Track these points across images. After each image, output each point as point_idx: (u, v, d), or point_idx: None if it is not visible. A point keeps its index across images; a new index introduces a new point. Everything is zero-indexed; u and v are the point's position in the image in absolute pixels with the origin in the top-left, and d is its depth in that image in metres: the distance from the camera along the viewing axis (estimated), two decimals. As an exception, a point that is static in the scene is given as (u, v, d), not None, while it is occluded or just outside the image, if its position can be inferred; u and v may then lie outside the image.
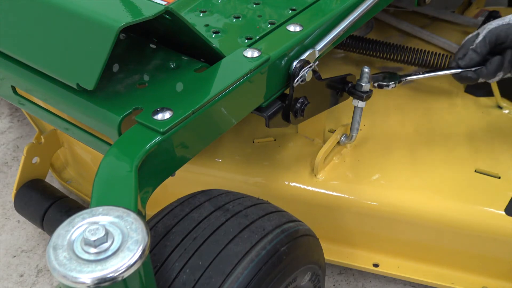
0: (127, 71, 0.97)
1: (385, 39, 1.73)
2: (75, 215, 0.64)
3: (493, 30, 1.12)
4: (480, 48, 1.14)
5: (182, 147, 0.88)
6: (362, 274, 1.50)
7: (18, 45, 0.95)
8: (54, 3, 0.86)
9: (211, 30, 1.12)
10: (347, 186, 1.35)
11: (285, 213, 0.99)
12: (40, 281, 1.52)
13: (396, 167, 1.39)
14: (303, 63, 1.05)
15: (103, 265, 0.58)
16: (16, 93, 1.07)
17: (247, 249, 0.85)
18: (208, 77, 0.94)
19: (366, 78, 1.22)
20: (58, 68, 0.90)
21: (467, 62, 1.17)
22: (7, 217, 1.70)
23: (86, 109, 0.91)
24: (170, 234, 0.88)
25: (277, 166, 1.39)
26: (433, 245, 1.35)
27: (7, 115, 2.14)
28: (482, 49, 1.14)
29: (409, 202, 1.32)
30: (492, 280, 1.35)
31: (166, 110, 0.85)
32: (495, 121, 1.55)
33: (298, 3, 1.18)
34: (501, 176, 1.35)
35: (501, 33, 1.12)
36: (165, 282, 0.82)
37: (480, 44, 1.14)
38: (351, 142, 1.40)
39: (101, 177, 0.76)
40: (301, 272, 0.97)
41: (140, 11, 0.83)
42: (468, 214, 1.29)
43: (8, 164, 1.90)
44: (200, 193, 0.99)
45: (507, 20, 1.12)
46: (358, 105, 1.27)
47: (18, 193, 1.49)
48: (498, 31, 1.11)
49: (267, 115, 1.06)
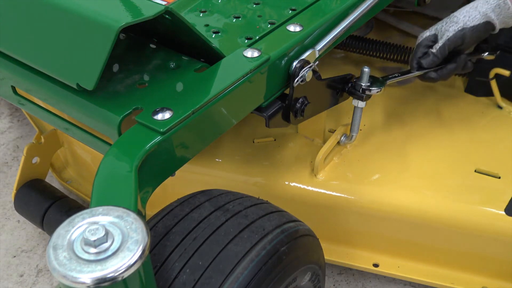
0: (127, 71, 0.97)
1: (385, 39, 1.73)
2: (75, 215, 0.64)
3: (452, 39, 1.27)
4: (441, 53, 1.29)
5: (182, 147, 0.88)
6: (362, 274, 1.50)
7: (18, 45, 0.95)
8: (54, 3, 0.86)
9: (211, 30, 1.12)
10: (347, 186, 1.35)
11: (285, 213, 0.99)
12: (40, 281, 1.52)
13: (396, 167, 1.39)
14: (303, 63, 1.05)
15: (103, 265, 0.58)
16: (16, 93, 1.07)
17: (247, 249, 0.85)
18: (208, 77, 0.94)
19: (366, 78, 1.22)
20: (58, 68, 0.90)
21: (429, 64, 1.31)
22: (7, 217, 1.70)
23: (86, 109, 0.90)
24: (170, 234, 0.88)
25: (277, 166, 1.39)
26: (433, 245, 1.35)
27: (7, 115, 2.14)
28: (442, 54, 1.30)
29: (409, 202, 1.32)
30: (492, 280, 1.35)
31: (166, 110, 0.85)
32: (495, 121, 1.55)
33: (298, 3, 1.18)
34: (501, 176, 1.35)
35: (458, 41, 1.28)
36: (165, 282, 0.82)
37: (441, 50, 1.29)
38: (351, 142, 1.40)
39: (101, 177, 0.76)
40: (301, 272, 0.97)
41: (140, 11, 0.83)
42: (468, 214, 1.29)
43: (8, 164, 1.90)
44: (200, 193, 0.99)
45: (461, 25, 1.27)
46: (358, 105, 1.27)
47: (18, 193, 1.49)
48: (456, 39, 1.27)
49: (267, 115, 1.06)
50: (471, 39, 1.29)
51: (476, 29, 1.27)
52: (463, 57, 1.34)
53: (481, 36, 1.30)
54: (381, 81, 1.26)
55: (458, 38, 1.27)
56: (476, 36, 1.29)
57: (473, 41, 1.32)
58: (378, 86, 1.24)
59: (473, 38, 1.29)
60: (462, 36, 1.27)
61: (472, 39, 1.29)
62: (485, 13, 1.26)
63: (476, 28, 1.27)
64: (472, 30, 1.27)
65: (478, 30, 1.27)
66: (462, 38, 1.27)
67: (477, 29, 1.27)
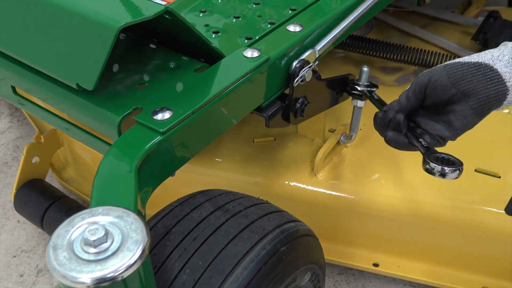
0: (127, 71, 0.97)
1: (385, 39, 1.73)
2: (75, 215, 0.64)
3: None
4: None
5: (182, 147, 0.88)
6: (362, 274, 1.50)
7: (18, 45, 0.95)
8: (54, 3, 0.86)
9: (211, 30, 1.12)
10: (347, 186, 1.35)
11: (285, 213, 0.99)
12: (40, 281, 1.52)
13: (396, 166, 1.39)
14: (303, 63, 1.05)
15: (103, 265, 0.58)
16: (16, 93, 1.07)
17: (247, 249, 0.85)
18: (208, 77, 0.94)
19: (365, 77, 1.22)
20: (58, 68, 0.90)
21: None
22: (7, 217, 1.70)
23: (86, 109, 0.90)
24: (170, 234, 0.88)
25: (277, 165, 1.39)
26: (433, 244, 1.35)
27: (7, 115, 2.14)
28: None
29: (409, 202, 1.32)
30: (492, 279, 1.35)
31: (166, 110, 0.84)
32: (495, 121, 1.55)
33: (298, 3, 1.18)
34: (501, 176, 1.35)
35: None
36: (165, 282, 0.82)
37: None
38: (351, 141, 1.40)
39: (101, 177, 0.76)
40: (301, 272, 0.97)
41: (140, 11, 0.83)
42: (468, 214, 1.29)
43: (8, 164, 1.90)
44: (200, 193, 0.99)
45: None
46: (357, 104, 1.27)
47: (18, 193, 1.49)
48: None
49: (267, 115, 1.06)
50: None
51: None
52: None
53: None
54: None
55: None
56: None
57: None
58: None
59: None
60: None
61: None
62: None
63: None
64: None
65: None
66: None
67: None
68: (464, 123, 0.93)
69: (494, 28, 1.73)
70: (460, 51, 1.78)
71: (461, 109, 0.91)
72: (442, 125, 0.95)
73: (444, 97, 0.91)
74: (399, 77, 1.76)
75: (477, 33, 1.74)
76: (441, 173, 0.89)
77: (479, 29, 1.75)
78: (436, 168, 0.89)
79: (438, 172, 0.90)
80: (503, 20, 1.78)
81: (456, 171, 0.89)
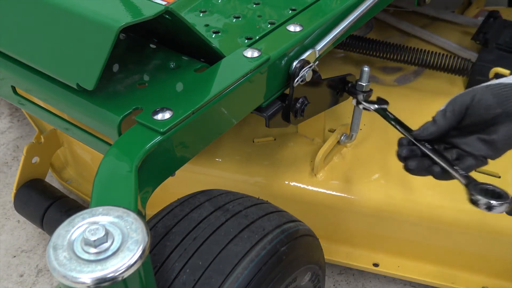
0: (127, 71, 0.97)
1: (385, 39, 1.73)
2: (75, 215, 0.64)
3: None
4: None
5: (182, 147, 0.88)
6: (362, 274, 1.50)
7: (18, 45, 0.95)
8: (54, 3, 0.86)
9: (211, 30, 1.12)
10: (347, 186, 1.35)
11: (285, 213, 0.99)
12: (40, 281, 1.52)
13: (396, 166, 1.38)
14: (303, 63, 1.05)
15: (103, 265, 0.58)
16: (16, 93, 1.07)
17: (247, 249, 0.85)
18: (208, 77, 0.94)
19: (366, 77, 1.22)
20: (58, 68, 0.90)
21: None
22: (7, 217, 1.70)
23: (86, 109, 0.90)
24: (170, 234, 0.88)
25: (277, 165, 1.39)
26: (433, 244, 1.35)
27: (7, 115, 2.14)
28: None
29: (409, 202, 1.32)
30: (492, 279, 1.35)
31: (166, 110, 0.84)
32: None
33: (298, 3, 1.18)
34: (501, 176, 1.35)
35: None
36: (165, 282, 0.82)
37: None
38: (351, 141, 1.40)
39: (101, 177, 0.76)
40: (301, 272, 0.97)
41: (140, 11, 0.83)
42: (468, 214, 1.29)
43: (8, 164, 1.90)
44: (200, 193, 0.99)
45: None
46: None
47: (18, 193, 1.49)
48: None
49: (267, 115, 1.06)
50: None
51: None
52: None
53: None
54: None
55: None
56: None
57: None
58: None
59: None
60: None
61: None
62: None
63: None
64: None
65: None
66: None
67: None
68: (508, 143, 0.92)
69: (494, 28, 1.73)
70: (460, 51, 1.77)
71: (506, 129, 0.90)
72: (483, 144, 0.94)
73: (487, 117, 0.91)
74: (399, 77, 1.76)
75: (477, 33, 1.74)
76: (487, 206, 0.84)
77: (479, 29, 1.75)
78: (481, 201, 0.85)
79: (484, 205, 0.85)
80: (503, 20, 1.78)
81: (504, 205, 0.84)
